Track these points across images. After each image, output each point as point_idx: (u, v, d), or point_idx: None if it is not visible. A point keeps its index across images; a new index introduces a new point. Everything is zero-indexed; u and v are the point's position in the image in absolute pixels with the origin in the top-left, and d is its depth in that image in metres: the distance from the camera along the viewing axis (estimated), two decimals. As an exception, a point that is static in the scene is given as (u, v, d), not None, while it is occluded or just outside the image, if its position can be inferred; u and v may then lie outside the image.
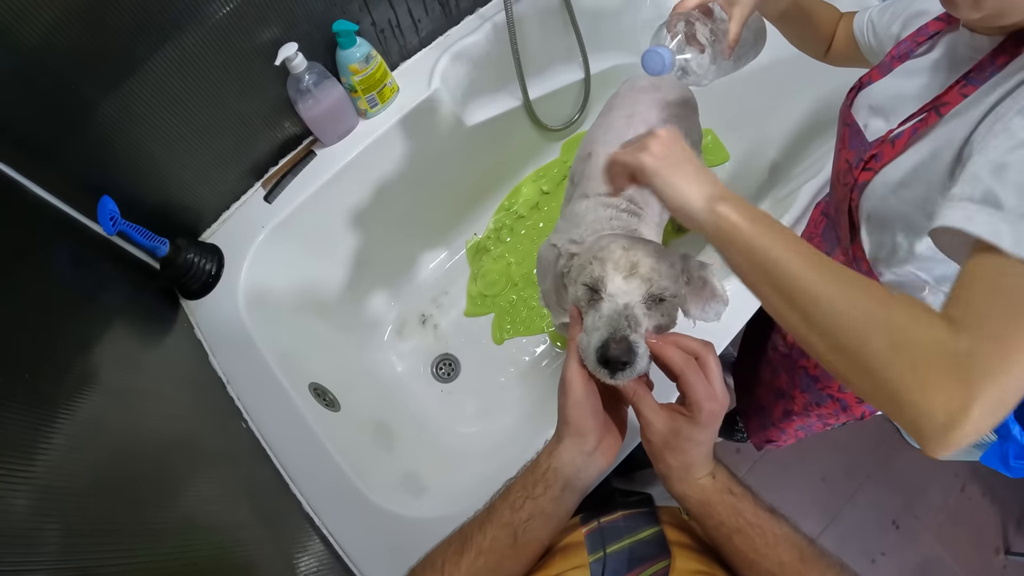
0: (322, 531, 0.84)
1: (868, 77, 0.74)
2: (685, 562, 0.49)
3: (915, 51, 0.68)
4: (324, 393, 1.03)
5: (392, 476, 1.02)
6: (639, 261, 0.56)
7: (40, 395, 0.56)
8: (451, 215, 1.45)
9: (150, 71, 0.84)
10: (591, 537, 0.55)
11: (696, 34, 0.71)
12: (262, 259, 1.06)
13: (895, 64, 0.70)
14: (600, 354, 0.52)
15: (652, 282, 0.56)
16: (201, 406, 0.89)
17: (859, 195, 0.69)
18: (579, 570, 0.50)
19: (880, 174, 0.65)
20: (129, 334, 0.83)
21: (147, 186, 0.96)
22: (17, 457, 0.48)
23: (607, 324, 0.53)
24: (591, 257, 0.59)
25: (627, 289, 0.56)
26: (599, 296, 0.56)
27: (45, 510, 0.48)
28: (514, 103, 1.32)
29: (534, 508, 0.53)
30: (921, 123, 0.61)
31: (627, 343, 0.51)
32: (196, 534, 0.65)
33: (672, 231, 1.42)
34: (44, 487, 0.49)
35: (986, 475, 1.59)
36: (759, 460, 1.70)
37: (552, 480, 0.54)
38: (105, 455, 0.60)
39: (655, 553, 0.51)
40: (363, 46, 1.03)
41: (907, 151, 0.62)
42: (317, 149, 1.13)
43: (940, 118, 0.59)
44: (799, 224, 0.98)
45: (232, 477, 0.82)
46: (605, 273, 0.56)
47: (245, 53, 0.93)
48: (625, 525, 0.56)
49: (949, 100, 0.58)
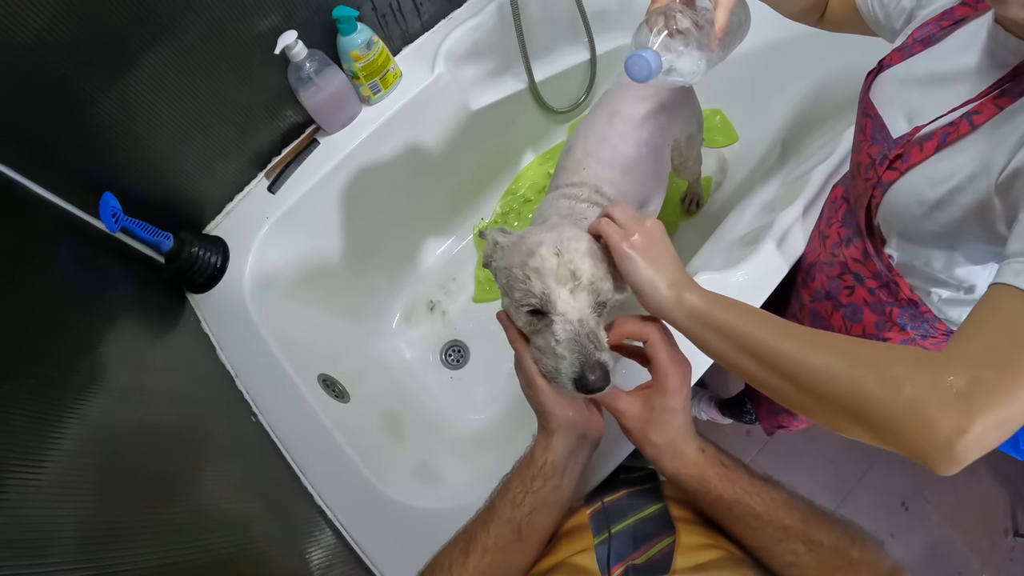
0: (334, 523, 0.85)
1: (888, 60, 0.70)
2: (690, 537, 0.49)
3: (937, 35, 0.64)
4: (333, 384, 1.03)
5: (403, 466, 1.03)
6: (577, 266, 0.54)
7: (49, 396, 0.56)
8: (457, 200, 1.44)
9: (148, 64, 0.82)
10: (595, 518, 0.56)
11: (679, 27, 0.67)
12: (267, 250, 1.06)
13: (916, 49, 0.66)
14: (579, 385, 0.51)
15: (598, 291, 0.55)
16: (210, 401, 0.89)
17: (882, 193, 0.66)
18: (585, 554, 0.50)
19: (906, 177, 0.63)
20: (136, 331, 0.83)
21: (149, 180, 0.95)
22: (28, 457, 0.49)
23: (572, 349, 0.52)
24: (523, 267, 0.56)
25: (576, 304, 0.54)
26: (548, 316, 0.54)
27: (57, 511, 0.48)
28: (519, 86, 1.29)
29: (535, 501, 0.53)
30: (952, 128, 0.58)
31: (601, 368, 0.51)
32: (208, 531, 0.66)
33: (680, 214, 1.40)
34: (56, 487, 0.50)
35: (996, 457, 1.58)
36: (768, 443, 1.70)
37: (551, 472, 0.54)
38: (115, 454, 0.60)
39: (660, 530, 0.51)
40: (364, 32, 1.01)
41: (936, 157, 0.59)
42: (320, 137, 1.11)
43: (972, 128, 0.56)
44: (813, 207, 0.96)
45: (243, 471, 0.82)
46: (549, 289, 0.54)
47: (244, 43, 0.91)
48: (629, 503, 0.57)
49: (982, 110, 0.55)
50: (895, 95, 0.67)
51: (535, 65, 1.25)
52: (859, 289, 0.81)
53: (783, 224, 0.92)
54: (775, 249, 0.91)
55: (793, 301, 0.99)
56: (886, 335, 0.82)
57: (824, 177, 0.97)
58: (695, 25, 0.68)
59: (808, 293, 0.92)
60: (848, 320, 0.85)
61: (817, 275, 0.89)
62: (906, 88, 0.66)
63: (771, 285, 0.90)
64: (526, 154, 1.49)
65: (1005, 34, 0.54)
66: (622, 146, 0.92)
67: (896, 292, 0.75)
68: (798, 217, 0.93)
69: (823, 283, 0.87)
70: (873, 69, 0.72)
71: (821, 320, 0.91)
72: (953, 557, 1.55)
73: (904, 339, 0.80)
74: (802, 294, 0.95)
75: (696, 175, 1.25)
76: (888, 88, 0.69)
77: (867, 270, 0.78)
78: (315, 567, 0.78)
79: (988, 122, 0.55)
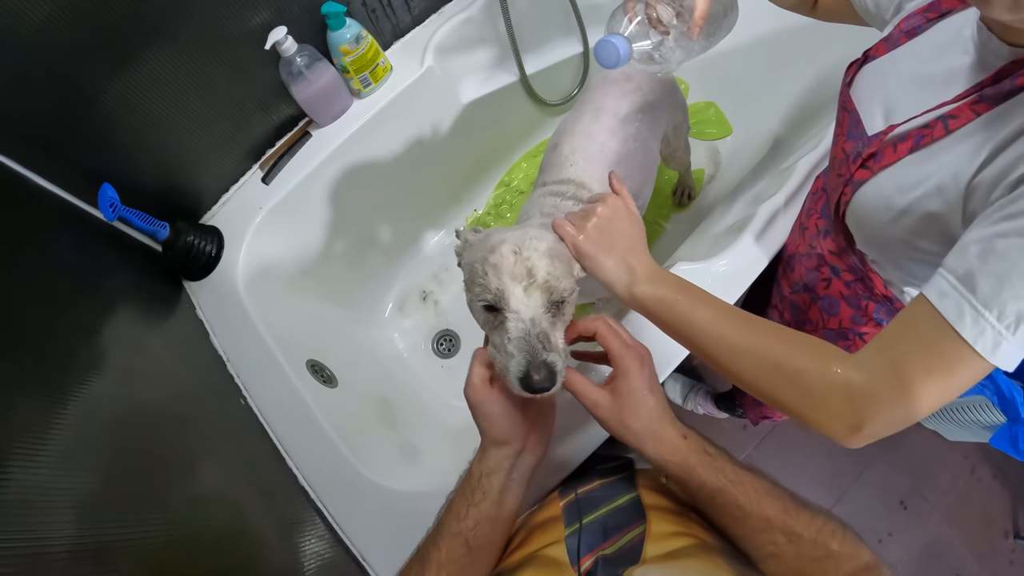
0: (316, 504, 0.88)
1: (874, 51, 0.67)
2: (660, 525, 0.49)
3: (923, 26, 0.62)
4: (322, 369, 1.06)
5: (389, 451, 1.06)
6: (534, 265, 0.55)
7: (48, 380, 0.59)
8: (451, 191, 1.46)
9: (144, 61, 0.85)
10: (568, 509, 0.56)
11: (657, 15, 0.66)
12: (261, 239, 1.09)
13: (902, 40, 0.64)
14: (524, 384, 0.52)
15: (552, 290, 0.55)
16: (204, 384, 0.93)
17: (852, 191, 0.65)
18: (555, 546, 0.50)
19: (877, 178, 0.61)
20: (133, 317, 0.87)
21: (147, 172, 0.99)
22: (31, 438, 0.52)
23: (520, 348, 0.53)
24: (483, 262, 0.57)
25: (529, 303, 0.54)
26: (502, 313, 0.55)
27: (60, 487, 0.51)
28: (511, 79, 1.30)
29: (478, 514, 0.54)
30: (927, 131, 0.55)
31: (547, 369, 0.52)
32: (201, 508, 0.69)
33: (672, 206, 1.40)
34: (59, 465, 0.52)
35: (997, 457, 1.55)
36: (766, 438, 1.69)
37: (487, 486, 0.55)
38: (112, 434, 0.63)
39: (631, 519, 0.51)
40: (353, 27, 1.03)
41: (908, 159, 0.58)
42: (313, 130, 1.14)
43: (947, 133, 0.54)
44: (796, 198, 0.95)
45: (231, 452, 0.85)
46: (504, 286, 0.55)
47: (236, 38, 0.94)
48: (602, 494, 0.57)
49: (959, 114, 0.53)
50: (875, 89, 0.66)
51: (527, 58, 1.26)
52: (835, 282, 0.81)
53: (764, 215, 0.92)
54: (755, 240, 0.91)
55: (775, 292, 0.99)
56: (862, 329, 0.81)
57: (808, 168, 0.96)
58: (675, 14, 0.67)
59: (788, 284, 0.92)
60: (825, 313, 0.85)
61: (796, 266, 0.88)
62: (886, 82, 0.64)
63: (750, 276, 0.90)
64: (519, 146, 1.51)
65: (988, 35, 0.52)
66: (610, 142, 0.92)
67: (871, 287, 0.75)
68: (779, 208, 0.93)
69: (801, 275, 0.87)
70: (858, 59, 0.71)
71: (800, 312, 0.90)
72: (951, 558, 1.53)
73: None
74: (783, 285, 0.94)
75: (686, 165, 1.25)
76: (869, 81, 0.67)
77: (843, 263, 0.77)
78: (297, 546, 0.80)
79: (962, 128, 0.53)
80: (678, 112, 1.05)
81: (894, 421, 0.46)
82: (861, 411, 0.46)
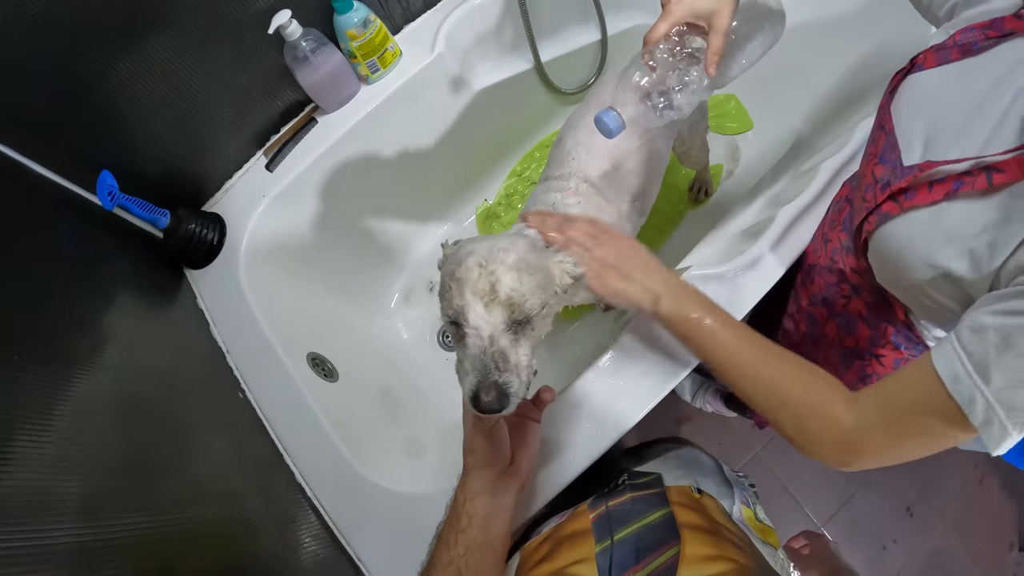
0: (313, 502, 0.87)
1: (922, 59, 0.60)
2: (695, 547, 0.48)
3: (980, 44, 0.54)
4: (323, 363, 1.05)
5: (390, 446, 1.05)
6: (498, 280, 0.53)
7: (46, 369, 0.58)
8: (461, 180, 1.42)
9: (145, 46, 0.83)
10: (598, 524, 0.55)
11: (677, 58, 0.64)
12: (264, 227, 1.07)
13: (954, 55, 0.56)
14: (473, 404, 0.51)
15: (514, 307, 0.53)
16: (202, 376, 0.92)
17: (877, 223, 0.60)
18: (585, 564, 0.50)
19: (904, 217, 0.56)
20: (134, 306, 0.85)
21: (148, 159, 0.97)
22: (31, 428, 0.51)
23: (474, 367, 0.51)
24: (450, 276, 0.55)
25: (489, 320, 0.52)
26: (463, 329, 0.54)
27: (61, 482, 0.51)
28: (525, 66, 1.26)
29: (467, 541, 0.54)
30: (968, 179, 0.50)
31: (497, 390, 0.50)
32: (197, 502, 0.68)
33: (688, 202, 1.36)
34: (59, 456, 0.52)
35: (1007, 469, 1.52)
36: (773, 438, 1.67)
37: (472, 511, 0.55)
38: (108, 426, 0.63)
39: (664, 539, 0.50)
40: (360, 10, 0.99)
41: (942, 205, 0.53)
42: (319, 116, 1.11)
43: (989, 187, 0.48)
44: (818, 204, 0.90)
45: (229, 446, 0.85)
46: (465, 302, 0.53)
47: (239, 22, 0.91)
48: (633, 508, 0.56)
49: (1006, 168, 0.48)
50: (918, 112, 0.59)
51: (542, 45, 1.22)
52: (856, 301, 0.77)
53: (783, 221, 0.88)
54: (772, 248, 0.87)
55: (792, 300, 0.95)
56: (879, 351, 0.78)
57: (832, 172, 0.91)
58: (689, 56, 0.64)
59: (807, 295, 0.88)
60: (842, 331, 0.82)
61: (816, 278, 0.85)
62: (932, 106, 0.58)
63: (765, 286, 0.86)
64: (533, 135, 1.46)
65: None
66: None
67: (892, 311, 0.71)
68: (799, 215, 0.88)
69: (821, 288, 0.83)
70: (904, 68, 0.63)
71: (816, 325, 0.87)
72: (955, 568, 1.51)
73: (897, 359, 0.76)
74: (800, 295, 0.91)
75: (702, 163, 1.21)
76: (913, 98, 0.60)
77: (865, 283, 0.73)
78: (293, 543, 0.80)
79: (1008, 188, 0.47)
80: (694, 111, 1.01)
81: (879, 463, 0.51)
82: (849, 456, 0.52)
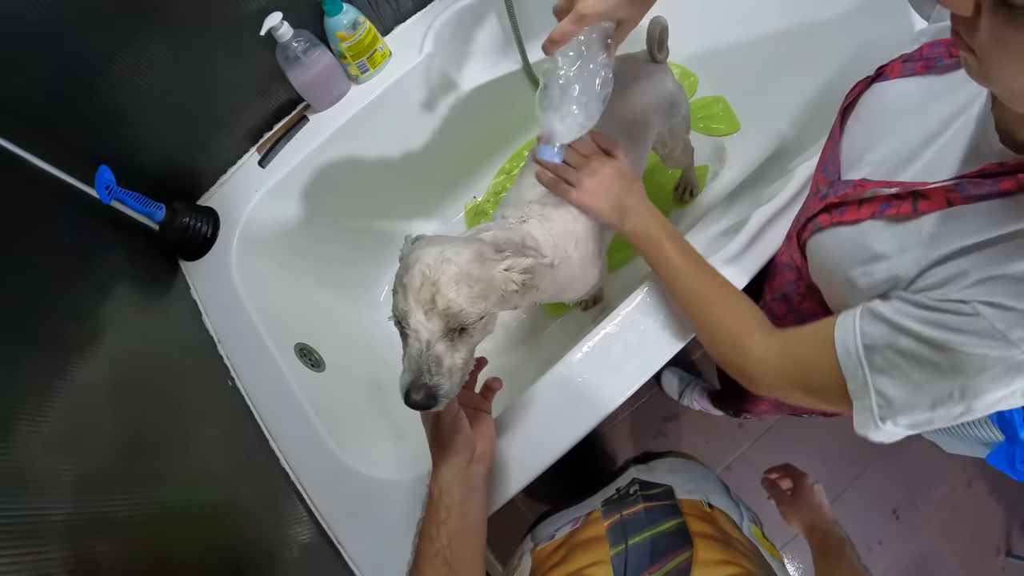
0: (297, 487, 0.90)
1: (889, 69, 0.60)
2: (708, 552, 0.50)
3: (944, 62, 0.54)
4: (310, 353, 1.09)
5: (376, 435, 1.08)
6: (439, 292, 0.56)
7: (43, 356, 0.61)
8: (450, 178, 1.45)
9: (141, 45, 0.86)
10: (612, 530, 0.57)
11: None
12: (256, 222, 1.11)
13: (919, 69, 0.56)
14: (405, 400, 0.55)
15: (450, 318, 0.56)
16: (194, 364, 0.95)
17: (811, 232, 0.61)
18: (600, 566, 0.51)
19: (833, 232, 0.57)
20: (130, 296, 0.89)
21: (145, 154, 1.00)
22: (31, 410, 0.54)
23: (410, 367, 0.56)
24: (399, 279, 0.59)
25: (428, 326, 0.56)
26: (406, 330, 0.58)
27: (54, 461, 0.54)
28: (513, 66, 1.28)
29: (449, 531, 0.56)
30: (896, 203, 0.51)
31: (425, 390, 0.54)
32: (186, 486, 0.71)
33: (674, 202, 1.38)
34: (55, 437, 0.55)
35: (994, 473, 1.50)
36: (761, 436, 1.68)
37: (449, 501, 0.57)
38: (104, 412, 0.66)
39: (678, 545, 0.51)
40: (350, 12, 1.02)
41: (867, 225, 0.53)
42: (310, 115, 1.14)
43: (913, 214, 0.49)
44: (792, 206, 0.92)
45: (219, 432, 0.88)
46: (408, 308, 0.57)
47: (233, 23, 0.94)
48: (647, 517, 0.58)
49: (931, 196, 0.48)
50: (877, 126, 0.59)
51: (530, 46, 1.23)
52: (809, 300, 0.79)
53: (756, 222, 0.89)
54: (744, 248, 0.89)
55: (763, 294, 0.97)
56: None
57: (807, 175, 0.92)
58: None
59: (770, 290, 0.90)
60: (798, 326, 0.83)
61: (778, 274, 0.86)
62: (884, 122, 0.58)
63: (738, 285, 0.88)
64: (521, 134, 1.48)
65: (991, 122, 0.45)
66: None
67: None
68: (772, 215, 0.90)
69: (782, 284, 0.85)
70: (869, 77, 0.63)
71: (776, 320, 0.89)
72: (941, 571, 1.51)
73: None
74: (766, 290, 0.93)
75: (686, 163, 1.22)
76: (873, 113, 0.60)
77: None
78: (277, 527, 0.83)
79: (929, 215, 0.48)
80: (676, 114, 1.02)
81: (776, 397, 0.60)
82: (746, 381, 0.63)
